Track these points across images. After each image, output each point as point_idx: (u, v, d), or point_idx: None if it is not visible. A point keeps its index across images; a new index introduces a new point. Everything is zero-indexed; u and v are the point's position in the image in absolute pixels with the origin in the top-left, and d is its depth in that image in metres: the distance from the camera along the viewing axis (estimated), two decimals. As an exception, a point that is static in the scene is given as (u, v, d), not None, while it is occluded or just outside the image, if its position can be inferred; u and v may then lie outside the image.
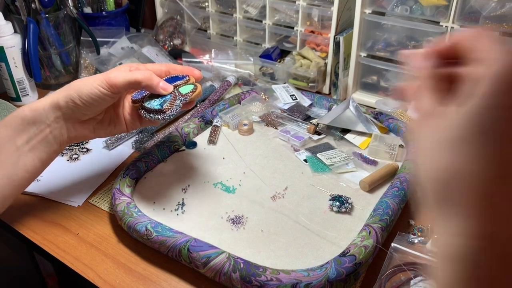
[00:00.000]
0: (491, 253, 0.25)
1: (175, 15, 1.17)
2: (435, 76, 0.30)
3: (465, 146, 0.25)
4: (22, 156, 0.54)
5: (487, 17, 0.76)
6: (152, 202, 0.64)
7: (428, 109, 0.29)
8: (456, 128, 0.26)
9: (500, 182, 0.25)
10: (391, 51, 0.90)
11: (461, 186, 0.26)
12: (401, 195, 0.61)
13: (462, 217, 0.26)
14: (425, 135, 0.28)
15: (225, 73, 1.02)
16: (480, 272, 0.26)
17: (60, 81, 1.04)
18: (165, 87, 0.56)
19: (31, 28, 0.91)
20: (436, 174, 0.27)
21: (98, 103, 0.55)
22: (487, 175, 0.25)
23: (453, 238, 0.27)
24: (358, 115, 0.81)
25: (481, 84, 0.25)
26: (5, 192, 0.54)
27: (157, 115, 0.56)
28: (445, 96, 0.29)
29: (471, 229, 0.26)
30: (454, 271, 0.26)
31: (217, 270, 0.50)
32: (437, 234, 0.28)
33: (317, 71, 0.97)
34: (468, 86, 0.26)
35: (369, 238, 0.53)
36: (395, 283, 0.51)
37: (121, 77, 0.54)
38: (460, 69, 0.28)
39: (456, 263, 0.26)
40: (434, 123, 0.28)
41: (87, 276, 0.55)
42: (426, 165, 0.28)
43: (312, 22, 0.99)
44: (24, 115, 0.54)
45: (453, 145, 0.26)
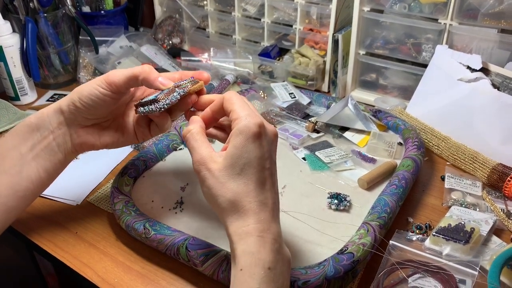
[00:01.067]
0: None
1: (173, 13, 1.17)
2: (202, 130, 0.48)
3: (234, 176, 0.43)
4: (26, 165, 0.53)
5: (486, 14, 0.76)
6: (150, 200, 0.64)
7: (208, 155, 0.45)
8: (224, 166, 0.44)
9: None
10: (390, 48, 0.90)
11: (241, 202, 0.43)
12: (399, 193, 0.61)
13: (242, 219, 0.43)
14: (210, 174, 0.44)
15: (224, 71, 1.02)
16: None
17: (59, 80, 1.04)
18: (164, 82, 0.52)
19: (29, 28, 0.91)
20: (226, 198, 0.43)
21: (99, 105, 0.53)
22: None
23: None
24: (357, 113, 0.81)
25: (232, 136, 0.44)
26: (10, 203, 0.52)
27: (151, 106, 0.51)
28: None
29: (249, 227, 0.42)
30: None
31: (215, 268, 0.50)
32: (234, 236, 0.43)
33: (316, 69, 0.97)
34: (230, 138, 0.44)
35: (367, 235, 0.53)
36: (393, 280, 0.51)
37: (119, 74, 0.52)
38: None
39: None
40: (215, 167, 0.44)
41: (86, 274, 0.55)
42: (219, 194, 0.43)
43: (311, 20, 0.99)
44: (29, 122, 0.54)
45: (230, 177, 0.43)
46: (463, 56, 0.77)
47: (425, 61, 0.86)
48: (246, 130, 0.43)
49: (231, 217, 0.44)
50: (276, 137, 0.47)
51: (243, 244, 0.42)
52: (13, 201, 0.52)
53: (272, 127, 0.46)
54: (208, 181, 0.44)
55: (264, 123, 0.45)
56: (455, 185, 0.68)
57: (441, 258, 0.52)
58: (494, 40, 0.77)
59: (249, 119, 0.44)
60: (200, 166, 0.45)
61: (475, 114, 0.73)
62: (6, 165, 0.52)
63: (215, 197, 0.44)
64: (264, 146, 0.44)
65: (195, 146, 0.46)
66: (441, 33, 0.82)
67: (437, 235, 0.55)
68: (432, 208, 0.65)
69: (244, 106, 0.46)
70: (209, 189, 0.44)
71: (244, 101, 0.47)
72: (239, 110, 0.45)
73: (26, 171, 0.53)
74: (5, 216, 0.52)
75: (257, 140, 0.43)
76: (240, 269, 0.42)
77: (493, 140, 0.71)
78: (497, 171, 0.67)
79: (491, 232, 0.58)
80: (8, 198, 0.52)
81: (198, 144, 0.46)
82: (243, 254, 0.42)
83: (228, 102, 0.46)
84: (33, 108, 0.95)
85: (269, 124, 0.46)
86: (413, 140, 0.73)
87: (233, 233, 0.43)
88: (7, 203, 0.52)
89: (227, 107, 0.47)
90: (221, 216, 0.45)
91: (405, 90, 0.92)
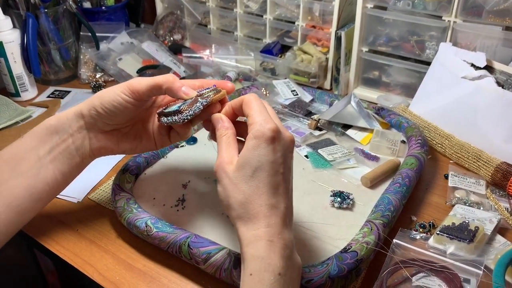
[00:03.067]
0: None
1: (175, 10, 1.16)
2: (233, 135, 0.48)
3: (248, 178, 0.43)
4: (43, 167, 0.52)
5: (490, 12, 0.76)
6: (152, 198, 0.63)
7: (227, 159, 0.45)
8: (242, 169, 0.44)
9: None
10: (393, 46, 0.89)
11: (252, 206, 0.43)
12: (403, 191, 0.61)
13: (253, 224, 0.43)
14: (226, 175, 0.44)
15: (225, 68, 1.01)
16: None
17: (60, 76, 1.03)
18: (187, 92, 0.51)
19: (30, 23, 0.90)
20: (237, 199, 0.43)
21: (120, 111, 0.52)
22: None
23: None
24: (360, 110, 0.81)
25: (247, 140, 0.44)
26: (24, 205, 0.52)
27: (174, 116, 0.51)
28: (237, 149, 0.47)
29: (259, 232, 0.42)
30: None
31: (217, 266, 0.50)
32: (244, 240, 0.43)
33: (318, 66, 0.96)
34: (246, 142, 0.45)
35: (370, 234, 0.53)
36: (397, 279, 0.51)
37: (143, 82, 0.52)
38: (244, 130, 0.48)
39: None
40: (230, 168, 0.44)
41: (87, 272, 0.54)
42: (231, 195, 0.44)
43: (313, 17, 0.98)
44: (49, 124, 0.53)
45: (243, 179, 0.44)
46: (467, 54, 0.76)
47: (428, 58, 0.85)
48: (260, 135, 0.43)
49: (241, 220, 0.43)
50: (292, 143, 0.47)
51: (252, 248, 0.42)
52: (28, 203, 0.52)
53: (289, 133, 0.46)
54: (222, 181, 0.45)
55: (280, 128, 0.45)
56: (458, 184, 0.67)
57: (445, 257, 0.52)
58: (499, 38, 0.77)
59: (263, 124, 0.44)
60: (218, 167, 0.45)
61: (479, 112, 0.73)
62: (23, 168, 0.52)
63: (227, 197, 0.44)
64: (278, 151, 0.44)
65: (222, 149, 0.47)
66: (445, 30, 0.81)
67: (441, 234, 0.54)
68: (435, 206, 0.65)
69: (261, 111, 0.46)
70: (223, 189, 0.45)
71: (261, 106, 0.47)
72: (256, 115, 0.45)
73: (43, 173, 0.52)
74: (19, 218, 0.52)
75: (270, 144, 0.43)
76: (250, 274, 0.41)
77: (497, 138, 0.71)
78: (501, 170, 0.66)
79: (495, 231, 0.58)
80: (23, 200, 0.52)
81: (225, 148, 0.47)
82: (252, 259, 0.42)
83: (247, 106, 0.47)
84: (33, 105, 0.94)
85: (285, 130, 0.46)
86: (417, 138, 0.72)
87: (243, 236, 0.43)
88: (21, 205, 0.52)
89: (245, 110, 0.47)
90: (232, 218, 0.45)
91: (408, 88, 0.92)
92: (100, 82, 1.00)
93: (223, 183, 0.45)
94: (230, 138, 0.48)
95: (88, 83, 1.02)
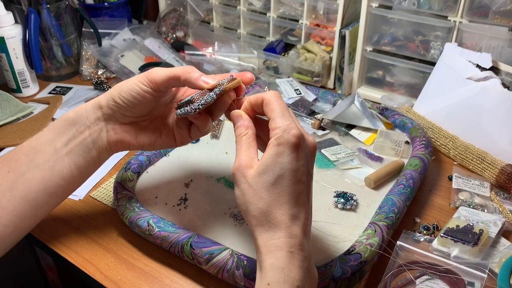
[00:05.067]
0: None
1: (178, 6, 1.15)
2: (253, 136, 0.46)
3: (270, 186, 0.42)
4: (59, 160, 0.52)
5: (497, 12, 0.75)
6: (154, 196, 0.63)
7: (246, 162, 0.43)
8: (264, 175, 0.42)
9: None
10: (398, 45, 0.88)
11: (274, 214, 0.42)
12: (407, 193, 0.60)
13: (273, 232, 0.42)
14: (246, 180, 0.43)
15: (228, 66, 1.01)
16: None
17: (61, 72, 1.03)
18: (206, 81, 0.49)
19: (32, 19, 0.90)
20: (257, 206, 0.42)
21: (139, 101, 0.51)
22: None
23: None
24: (363, 110, 0.80)
25: (270, 145, 0.43)
26: (40, 199, 0.52)
27: (186, 107, 0.50)
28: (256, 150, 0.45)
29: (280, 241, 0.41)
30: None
31: (220, 266, 0.49)
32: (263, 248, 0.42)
33: (322, 65, 0.95)
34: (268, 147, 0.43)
35: (374, 236, 0.52)
36: (401, 281, 0.51)
37: (161, 72, 0.50)
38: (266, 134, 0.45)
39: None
40: (250, 173, 0.43)
41: (88, 271, 0.54)
42: (251, 201, 0.42)
43: (318, 15, 0.97)
44: (67, 116, 0.53)
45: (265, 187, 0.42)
46: (473, 55, 0.76)
47: (433, 58, 0.84)
48: (284, 141, 0.42)
49: (261, 228, 0.42)
50: (315, 149, 0.45)
51: (271, 258, 0.41)
52: (43, 197, 0.52)
53: (312, 139, 0.44)
54: (241, 185, 0.43)
55: (304, 134, 0.43)
56: (462, 186, 0.67)
57: (449, 260, 0.52)
58: (505, 39, 0.76)
59: (288, 130, 0.42)
60: (237, 170, 0.44)
61: (484, 113, 0.72)
62: (39, 160, 0.51)
63: (247, 203, 0.43)
64: (301, 159, 0.42)
65: (242, 150, 0.45)
66: (450, 30, 0.81)
67: (445, 236, 0.54)
68: (439, 208, 0.64)
69: (285, 114, 0.44)
70: (242, 194, 0.43)
71: (284, 108, 0.44)
72: (279, 120, 0.43)
73: (58, 166, 0.52)
74: (34, 211, 0.52)
75: (294, 152, 0.42)
76: (268, 284, 0.40)
77: (502, 140, 0.70)
78: (505, 172, 0.66)
79: (499, 234, 0.57)
80: (38, 194, 0.51)
81: (244, 149, 0.45)
82: (271, 269, 0.41)
83: (268, 108, 0.45)
84: (35, 101, 0.94)
85: (308, 135, 0.44)
86: (421, 139, 0.72)
87: (262, 245, 0.42)
88: (37, 199, 0.51)
89: (266, 112, 0.45)
90: (251, 225, 0.43)
91: (412, 88, 0.91)
92: (102, 78, 0.99)
93: (242, 187, 0.43)
94: (250, 139, 0.46)
95: (90, 79, 1.01)
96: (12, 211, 0.50)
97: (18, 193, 0.50)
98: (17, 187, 0.50)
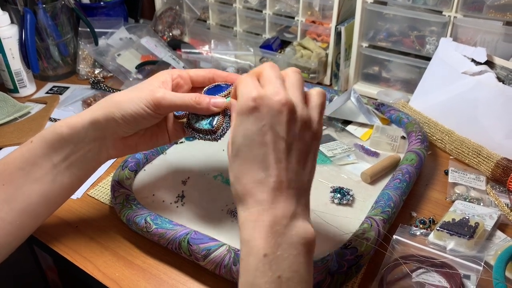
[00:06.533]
0: None
1: (174, 5, 1.15)
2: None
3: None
4: (59, 174, 0.51)
5: (491, 6, 0.75)
6: (151, 194, 0.63)
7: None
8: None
9: None
10: (393, 41, 0.89)
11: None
12: (403, 187, 0.60)
13: None
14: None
15: (225, 64, 1.01)
16: None
17: (58, 72, 1.03)
18: (218, 104, 0.51)
19: (28, 19, 0.90)
20: (231, 184, 0.41)
21: (141, 123, 0.51)
22: None
23: None
24: (360, 106, 0.80)
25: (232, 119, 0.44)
26: (40, 209, 0.52)
27: (208, 136, 0.52)
28: None
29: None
30: None
31: (217, 262, 0.50)
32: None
33: (318, 62, 0.96)
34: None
35: (370, 230, 0.53)
36: (397, 275, 0.51)
37: (169, 100, 0.49)
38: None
39: None
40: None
41: (87, 269, 0.54)
42: (230, 181, 0.42)
43: (313, 12, 0.97)
44: (61, 131, 0.50)
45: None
46: (468, 49, 0.76)
47: (428, 54, 0.85)
48: (239, 110, 0.40)
49: (238, 205, 0.41)
50: (283, 106, 0.39)
51: (242, 232, 0.39)
52: (43, 207, 0.52)
53: (278, 98, 0.39)
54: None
55: (266, 94, 0.39)
56: (458, 179, 0.67)
57: (445, 253, 0.52)
58: (499, 33, 0.76)
59: (242, 97, 0.40)
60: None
61: (480, 107, 0.73)
62: (38, 174, 0.50)
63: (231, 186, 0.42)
64: (261, 120, 0.39)
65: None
66: (445, 25, 0.81)
67: (441, 230, 0.54)
68: (435, 202, 0.65)
69: (246, 83, 0.41)
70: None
71: (246, 77, 0.42)
72: (238, 91, 0.42)
73: (59, 180, 0.52)
74: (34, 221, 0.52)
75: (250, 116, 0.39)
76: (241, 259, 0.39)
77: (497, 134, 0.71)
78: (501, 166, 0.66)
79: (495, 227, 0.58)
80: (39, 205, 0.51)
81: None
82: (241, 244, 0.39)
83: (237, 86, 0.43)
84: (32, 101, 0.94)
85: (275, 95, 0.39)
86: (417, 133, 0.72)
87: (239, 222, 0.40)
88: (37, 209, 0.51)
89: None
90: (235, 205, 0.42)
91: (408, 83, 0.91)
92: (99, 78, 0.99)
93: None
94: None
95: (87, 79, 1.01)
96: (11, 222, 0.50)
97: (17, 206, 0.50)
98: (15, 200, 0.50)
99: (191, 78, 0.55)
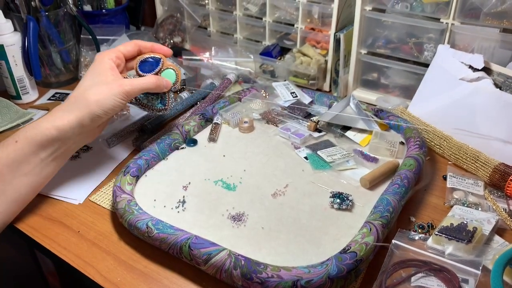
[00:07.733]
0: None
1: (175, 12, 1.16)
2: None
3: None
4: (46, 166, 0.61)
5: (488, 14, 0.76)
6: (153, 199, 0.64)
7: None
8: None
9: None
10: (392, 48, 0.90)
11: None
12: (401, 192, 0.61)
13: None
14: None
15: (225, 70, 1.02)
16: None
17: (61, 79, 1.04)
18: (168, 86, 0.67)
19: (31, 26, 0.91)
20: None
21: (116, 111, 0.62)
22: None
23: None
24: (359, 112, 0.81)
25: None
26: (28, 198, 0.62)
27: (159, 112, 0.70)
28: None
29: None
30: None
31: (218, 267, 0.50)
32: None
33: (318, 69, 0.97)
34: None
35: (369, 235, 0.53)
36: (396, 279, 0.51)
37: (136, 88, 0.62)
38: None
39: None
40: None
41: (88, 273, 0.55)
42: None
43: (313, 19, 0.99)
44: (49, 133, 0.59)
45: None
46: (465, 56, 0.77)
47: (426, 60, 0.86)
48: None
49: None
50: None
51: None
52: (31, 195, 0.62)
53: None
54: None
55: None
56: (457, 185, 0.68)
57: (444, 258, 0.52)
58: (496, 40, 0.77)
59: None
60: None
61: (477, 113, 0.73)
62: (25, 169, 0.59)
63: None
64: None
65: None
66: (443, 32, 0.82)
67: (439, 235, 0.55)
68: (434, 207, 0.65)
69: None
70: None
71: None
72: None
73: (45, 171, 0.61)
74: (21, 208, 0.62)
75: None
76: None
77: (495, 139, 0.71)
78: (499, 171, 0.67)
79: (493, 231, 0.58)
80: (28, 196, 0.61)
81: None
82: None
83: None
84: (34, 107, 0.95)
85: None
86: (415, 139, 0.73)
87: None
88: (26, 198, 0.61)
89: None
90: None
91: (406, 90, 0.92)
92: (100, 84, 1.00)
93: None
94: None
95: (89, 85, 1.02)
96: (1, 212, 0.58)
97: (8, 198, 0.58)
98: (5, 193, 0.58)
99: (124, 55, 0.67)
